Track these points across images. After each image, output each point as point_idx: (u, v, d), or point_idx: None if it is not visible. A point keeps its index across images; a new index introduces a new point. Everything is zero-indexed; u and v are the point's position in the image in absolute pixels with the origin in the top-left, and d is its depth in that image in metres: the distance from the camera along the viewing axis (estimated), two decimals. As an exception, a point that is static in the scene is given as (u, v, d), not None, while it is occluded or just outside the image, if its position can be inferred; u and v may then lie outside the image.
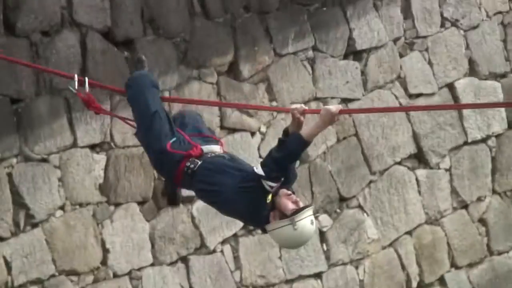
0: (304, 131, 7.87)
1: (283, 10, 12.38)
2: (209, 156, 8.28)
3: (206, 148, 8.33)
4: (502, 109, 13.86)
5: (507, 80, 13.87)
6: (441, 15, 13.50)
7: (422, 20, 13.37)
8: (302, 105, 8.08)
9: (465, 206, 13.42)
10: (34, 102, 10.84)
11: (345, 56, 12.85)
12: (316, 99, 12.53)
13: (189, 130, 8.51)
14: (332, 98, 12.65)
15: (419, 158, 13.11)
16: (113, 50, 11.35)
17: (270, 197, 7.80)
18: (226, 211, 8.43)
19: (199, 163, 8.18)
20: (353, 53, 12.90)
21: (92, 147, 11.19)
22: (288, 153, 7.87)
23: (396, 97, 13.09)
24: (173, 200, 9.49)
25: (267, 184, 7.80)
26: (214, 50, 11.95)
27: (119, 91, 9.19)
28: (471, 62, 13.63)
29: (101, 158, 11.25)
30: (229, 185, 8.09)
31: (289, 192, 7.91)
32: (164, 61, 11.63)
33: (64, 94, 10.99)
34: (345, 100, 12.74)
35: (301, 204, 7.86)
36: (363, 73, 12.93)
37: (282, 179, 7.85)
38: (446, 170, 13.32)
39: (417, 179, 13.15)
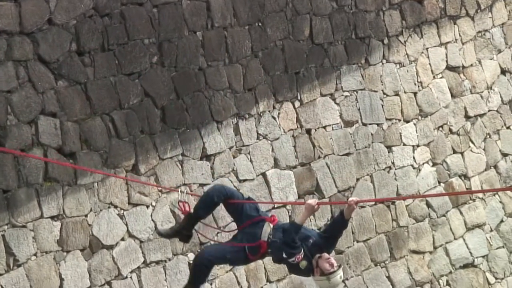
0: (297, 219, 8.26)
1: (163, 132, 12.53)
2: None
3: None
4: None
5: (297, 170, 14.12)
6: (257, 132, 13.71)
7: (245, 135, 13.51)
8: (316, 199, 8.43)
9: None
10: (17, 191, 10.99)
11: (201, 158, 12.93)
12: (184, 184, 12.64)
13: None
14: (194, 183, 12.76)
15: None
16: (63, 159, 11.49)
17: (304, 263, 7.94)
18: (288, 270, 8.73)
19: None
20: (206, 156, 13.00)
21: (52, 218, 11.32)
22: (289, 234, 8.00)
23: (232, 182, 13.18)
24: (186, 240, 9.17)
25: (292, 261, 7.97)
26: (123, 157, 12.09)
27: None
28: (275, 159, 13.86)
29: (57, 224, 11.38)
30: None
31: (327, 256, 8.01)
32: (93, 165, 11.70)
33: (35, 186, 11.09)
34: (201, 184, 12.83)
35: (335, 265, 8.03)
36: (211, 168, 13.08)
37: (301, 253, 7.94)
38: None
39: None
